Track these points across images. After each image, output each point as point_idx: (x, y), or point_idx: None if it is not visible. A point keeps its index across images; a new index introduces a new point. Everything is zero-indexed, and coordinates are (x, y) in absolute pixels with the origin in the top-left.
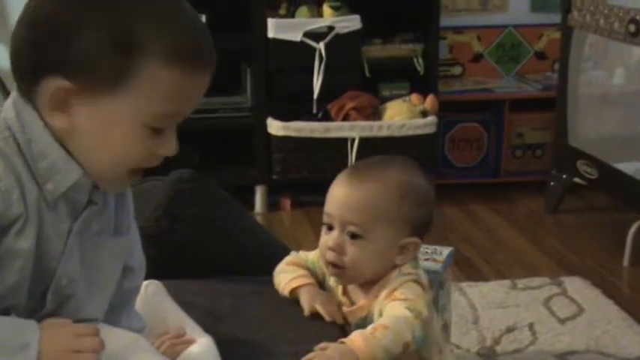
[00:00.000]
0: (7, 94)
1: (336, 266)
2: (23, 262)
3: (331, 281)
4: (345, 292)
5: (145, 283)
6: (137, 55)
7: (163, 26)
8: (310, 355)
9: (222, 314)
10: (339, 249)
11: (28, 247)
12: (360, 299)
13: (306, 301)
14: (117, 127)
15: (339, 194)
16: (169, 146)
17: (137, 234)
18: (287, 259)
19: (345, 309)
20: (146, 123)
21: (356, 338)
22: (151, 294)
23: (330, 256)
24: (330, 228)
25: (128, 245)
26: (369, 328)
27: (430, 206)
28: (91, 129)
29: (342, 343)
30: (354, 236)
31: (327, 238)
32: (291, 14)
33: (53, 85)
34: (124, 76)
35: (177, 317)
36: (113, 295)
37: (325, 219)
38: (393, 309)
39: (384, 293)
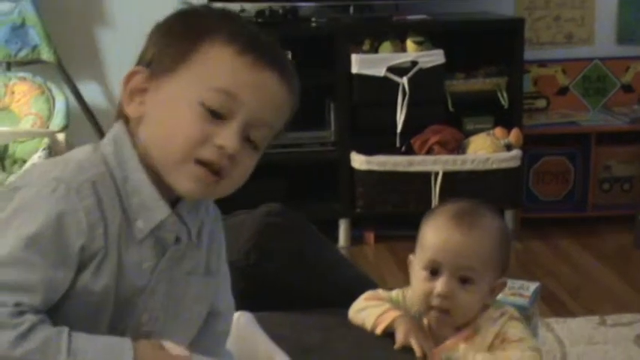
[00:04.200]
0: (100, 132)
1: (443, 311)
2: (98, 298)
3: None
4: (429, 329)
5: (236, 314)
6: (200, 39)
7: (230, 20)
8: None
9: (311, 347)
10: (450, 295)
11: (103, 286)
12: (449, 337)
13: (402, 333)
14: (175, 106)
15: (451, 240)
16: (227, 138)
17: (227, 276)
18: (365, 295)
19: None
20: (202, 101)
21: None
22: (243, 325)
23: (441, 302)
24: (434, 273)
25: (216, 287)
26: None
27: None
28: (156, 113)
29: None
30: (465, 281)
31: (434, 284)
32: (374, 49)
33: (133, 71)
34: (187, 58)
35: (268, 348)
36: (205, 339)
37: (429, 264)
38: (516, 352)
39: (489, 336)
